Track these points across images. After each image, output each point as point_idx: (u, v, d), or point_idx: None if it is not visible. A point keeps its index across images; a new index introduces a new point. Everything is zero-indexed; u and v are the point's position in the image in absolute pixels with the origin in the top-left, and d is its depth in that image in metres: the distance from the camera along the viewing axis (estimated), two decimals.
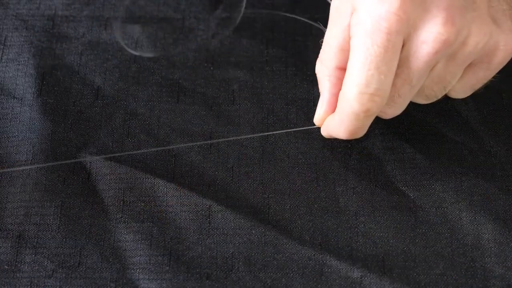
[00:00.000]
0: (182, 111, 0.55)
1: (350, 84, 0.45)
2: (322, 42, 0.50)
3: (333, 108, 0.49)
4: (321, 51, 0.50)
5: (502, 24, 0.46)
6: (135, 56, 0.57)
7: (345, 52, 0.48)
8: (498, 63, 0.47)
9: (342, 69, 0.48)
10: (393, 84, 0.46)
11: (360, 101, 0.45)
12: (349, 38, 0.46)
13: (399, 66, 0.45)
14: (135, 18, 0.59)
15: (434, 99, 0.50)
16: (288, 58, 0.57)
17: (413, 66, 0.45)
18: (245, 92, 0.56)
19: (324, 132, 0.51)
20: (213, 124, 0.54)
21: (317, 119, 0.51)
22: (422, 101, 0.50)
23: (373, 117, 0.47)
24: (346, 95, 0.46)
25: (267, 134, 0.54)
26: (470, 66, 0.48)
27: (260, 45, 0.58)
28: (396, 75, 0.46)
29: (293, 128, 0.54)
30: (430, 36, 0.44)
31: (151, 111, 0.55)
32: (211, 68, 0.57)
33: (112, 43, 0.58)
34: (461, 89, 0.50)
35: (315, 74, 0.53)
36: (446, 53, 0.45)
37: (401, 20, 0.44)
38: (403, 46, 0.45)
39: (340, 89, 0.48)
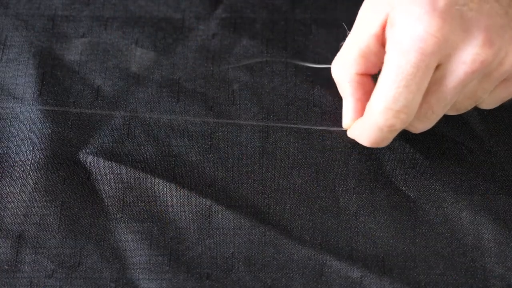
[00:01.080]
0: (182, 111, 0.55)
1: (378, 98, 0.45)
2: (342, 45, 0.50)
3: (360, 112, 0.50)
4: (340, 54, 0.50)
5: None
6: (135, 56, 0.57)
7: (367, 60, 0.48)
8: None
9: (363, 75, 0.49)
10: (427, 101, 0.46)
11: (385, 116, 0.45)
12: (375, 47, 0.47)
13: (435, 84, 0.45)
14: (135, 18, 0.59)
15: (464, 111, 0.50)
16: (288, 58, 0.57)
17: (449, 85, 0.45)
18: (245, 92, 0.56)
19: (350, 135, 0.51)
20: (213, 124, 0.54)
21: (346, 125, 0.51)
22: (451, 113, 0.50)
23: (397, 132, 0.47)
24: (373, 108, 0.46)
25: (294, 127, 0.54)
26: (502, 81, 0.48)
27: (260, 45, 0.58)
28: (431, 92, 0.46)
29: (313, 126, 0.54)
30: (468, 57, 0.44)
31: (151, 111, 0.55)
32: (211, 68, 0.57)
33: (112, 43, 0.58)
34: (491, 102, 0.50)
35: (315, 74, 0.53)
36: (483, 72, 0.45)
37: (439, 42, 0.43)
38: (440, 65, 0.45)
39: (363, 93, 0.48)
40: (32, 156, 0.52)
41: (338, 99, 0.54)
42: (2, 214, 0.50)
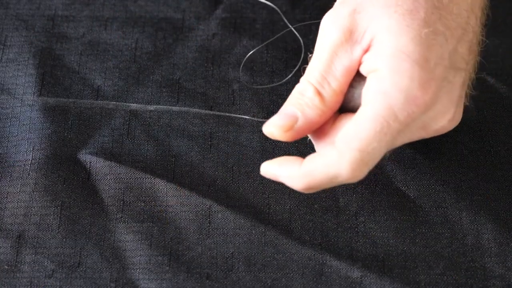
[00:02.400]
0: (182, 111, 0.55)
1: (352, 144, 0.43)
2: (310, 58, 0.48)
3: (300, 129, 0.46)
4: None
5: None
6: (135, 56, 0.57)
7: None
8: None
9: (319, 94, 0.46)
10: None
11: (357, 167, 0.43)
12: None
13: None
14: (135, 18, 0.59)
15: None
16: (288, 58, 0.57)
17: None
18: (245, 92, 0.56)
19: (266, 131, 0.47)
20: (213, 124, 0.54)
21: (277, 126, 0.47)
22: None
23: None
24: (342, 154, 0.43)
25: None
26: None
27: (260, 45, 0.58)
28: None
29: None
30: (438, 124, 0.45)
31: (151, 111, 0.55)
32: (211, 68, 0.57)
33: (112, 43, 0.58)
34: None
35: None
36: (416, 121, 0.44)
37: (427, 105, 0.43)
38: None
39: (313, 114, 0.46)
40: (32, 156, 0.52)
41: None
42: (2, 214, 0.50)
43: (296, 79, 0.56)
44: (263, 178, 0.52)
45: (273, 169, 0.46)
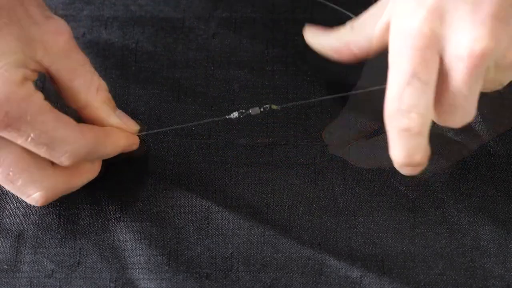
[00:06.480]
0: (182, 111, 0.55)
1: (387, 101, 0.44)
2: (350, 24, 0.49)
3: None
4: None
5: None
6: (135, 55, 0.57)
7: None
8: None
9: None
10: (446, 97, 0.44)
11: (396, 118, 0.44)
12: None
13: (445, 80, 0.44)
14: (135, 18, 0.59)
15: (500, 87, 0.48)
16: (288, 58, 0.57)
17: (458, 80, 0.43)
18: (245, 92, 0.56)
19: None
20: (213, 124, 0.54)
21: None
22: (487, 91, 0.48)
23: (421, 136, 0.44)
24: (385, 114, 0.45)
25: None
26: None
27: (261, 45, 0.58)
28: (445, 88, 0.44)
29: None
30: (464, 51, 0.43)
31: (151, 111, 0.55)
32: (211, 68, 0.57)
33: (112, 42, 0.58)
34: None
35: (315, 74, 0.53)
36: (487, 65, 0.43)
37: (428, 36, 0.43)
38: (441, 59, 0.44)
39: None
40: None
41: (338, 99, 0.54)
42: (1, 214, 0.50)
43: (296, 79, 0.56)
44: (261, 178, 0.52)
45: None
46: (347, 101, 0.54)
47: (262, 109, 0.51)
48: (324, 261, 0.49)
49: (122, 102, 0.55)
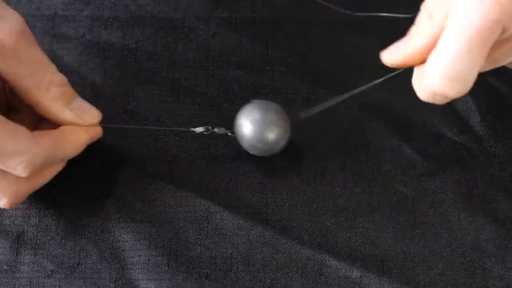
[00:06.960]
0: (182, 111, 0.55)
1: (435, 63, 0.43)
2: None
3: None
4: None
5: None
6: (135, 55, 0.57)
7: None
8: None
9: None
10: (490, 57, 0.44)
11: (439, 82, 0.42)
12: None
13: (500, 44, 0.43)
14: (135, 18, 0.59)
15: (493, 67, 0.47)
16: (288, 58, 0.57)
17: None
18: (244, 92, 0.56)
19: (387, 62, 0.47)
20: (213, 124, 0.54)
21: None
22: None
23: (450, 99, 0.44)
24: (428, 72, 0.43)
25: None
26: None
27: (261, 45, 0.58)
28: (495, 49, 0.43)
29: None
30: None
31: (151, 111, 0.55)
32: (211, 68, 0.57)
33: (112, 42, 0.58)
34: None
35: (315, 74, 0.52)
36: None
37: (504, 8, 0.41)
38: (504, 29, 0.42)
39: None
40: None
41: (338, 99, 0.54)
42: (1, 215, 0.50)
43: (297, 79, 0.56)
44: (261, 178, 0.52)
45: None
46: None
47: (230, 133, 0.51)
48: (323, 261, 0.49)
49: (122, 102, 0.55)
